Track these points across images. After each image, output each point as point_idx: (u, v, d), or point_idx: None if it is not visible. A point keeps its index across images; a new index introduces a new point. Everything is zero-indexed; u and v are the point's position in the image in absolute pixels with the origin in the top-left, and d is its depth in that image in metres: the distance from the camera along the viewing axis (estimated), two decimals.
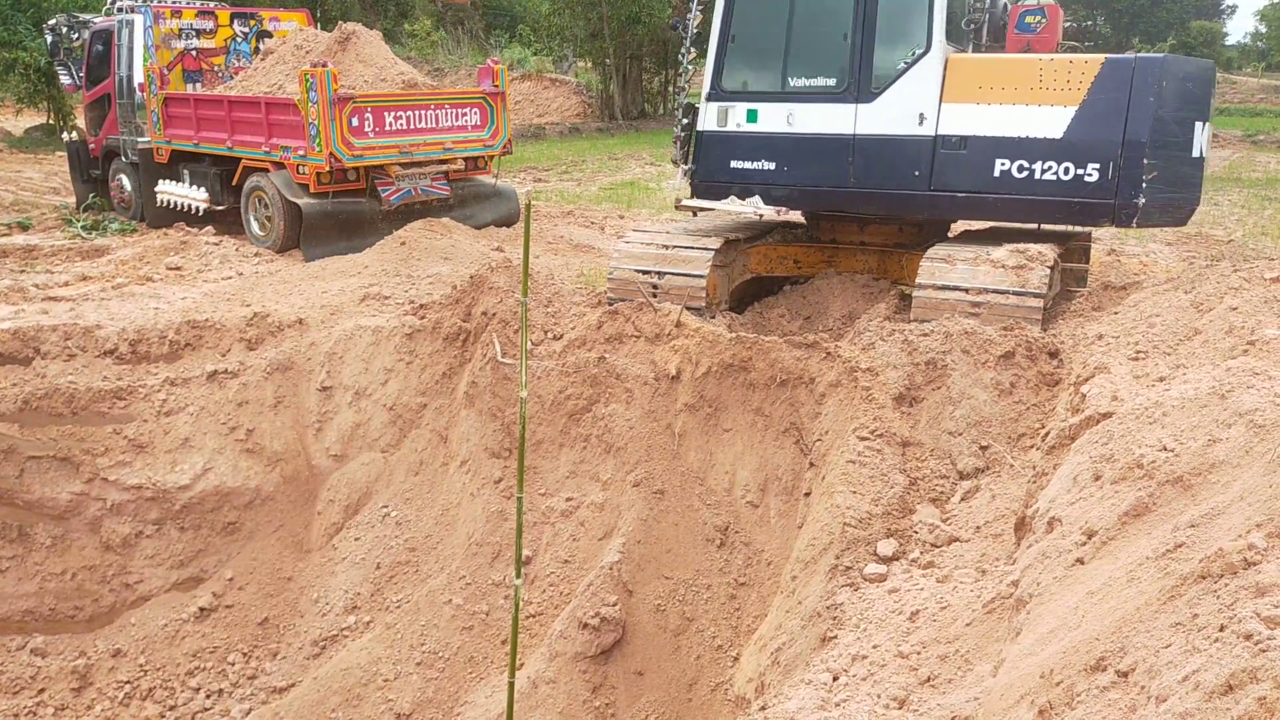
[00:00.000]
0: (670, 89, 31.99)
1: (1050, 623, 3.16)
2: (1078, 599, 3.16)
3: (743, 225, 8.56)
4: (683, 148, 8.25)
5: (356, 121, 10.76)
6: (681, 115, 8.24)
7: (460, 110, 11.85)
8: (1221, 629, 2.44)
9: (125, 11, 12.85)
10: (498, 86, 12.13)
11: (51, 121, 23.26)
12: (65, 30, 14.56)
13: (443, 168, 11.80)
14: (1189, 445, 3.64)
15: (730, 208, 8.01)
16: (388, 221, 11.25)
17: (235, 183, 11.98)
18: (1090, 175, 6.97)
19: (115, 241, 12.19)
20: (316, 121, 10.55)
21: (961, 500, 5.38)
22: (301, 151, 10.87)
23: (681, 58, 8.41)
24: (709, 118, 8.07)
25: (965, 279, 6.93)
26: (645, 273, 7.99)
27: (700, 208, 8.36)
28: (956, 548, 4.85)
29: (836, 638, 4.34)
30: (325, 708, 6.56)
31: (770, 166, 7.91)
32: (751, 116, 7.92)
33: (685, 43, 8.21)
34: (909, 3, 7.29)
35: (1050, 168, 7.06)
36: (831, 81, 7.62)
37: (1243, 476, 3.25)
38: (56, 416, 7.66)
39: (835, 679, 3.94)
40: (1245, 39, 54.21)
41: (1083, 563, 3.41)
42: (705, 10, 8.04)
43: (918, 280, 7.15)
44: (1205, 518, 3.08)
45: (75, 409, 7.69)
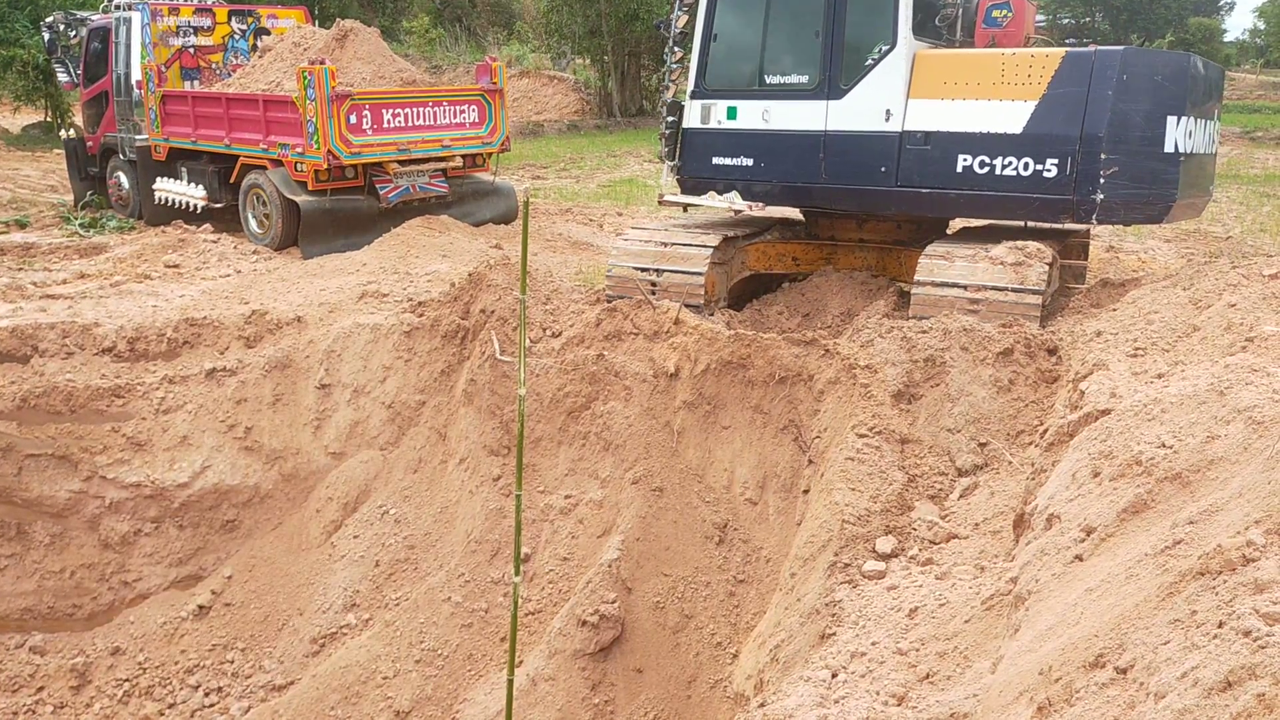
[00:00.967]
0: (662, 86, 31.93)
1: (1049, 619, 3.16)
2: (1076, 596, 3.16)
3: (741, 222, 8.57)
4: (669, 145, 8.38)
5: (354, 119, 10.76)
6: (667, 113, 8.38)
7: (458, 107, 11.85)
8: (1220, 625, 2.45)
9: (123, 9, 12.83)
10: (496, 83, 12.13)
11: (49, 119, 23.17)
12: (63, 28, 14.54)
13: (441, 165, 11.81)
14: (1187, 442, 3.65)
15: (709, 203, 8.11)
16: (386, 219, 11.25)
17: (233, 180, 11.96)
18: (1049, 171, 6.89)
19: (113, 239, 12.18)
20: (314, 119, 10.55)
21: (960, 497, 5.38)
22: (299, 149, 10.86)
23: (666, 57, 8.51)
24: (693, 115, 8.21)
25: (964, 276, 6.92)
26: (644, 270, 8.02)
27: (680, 203, 8.51)
28: (955, 545, 4.86)
29: (835, 635, 4.34)
30: (324, 705, 6.55)
31: (749, 163, 8.00)
32: (731, 113, 8.02)
33: (670, 43, 8.33)
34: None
35: (1011, 163, 7.00)
36: (804, 79, 7.69)
37: (1241, 473, 3.25)
38: (55, 414, 7.66)
39: (834, 676, 3.94)
40: (1244, 35, 54.15)
41: (1081, 559, 3.41)
42: (689, 11, 8.12)
43: (916, 277, 7.15)
44: (1204, 514, 3.09)
45: (73, 407, 7.69)
